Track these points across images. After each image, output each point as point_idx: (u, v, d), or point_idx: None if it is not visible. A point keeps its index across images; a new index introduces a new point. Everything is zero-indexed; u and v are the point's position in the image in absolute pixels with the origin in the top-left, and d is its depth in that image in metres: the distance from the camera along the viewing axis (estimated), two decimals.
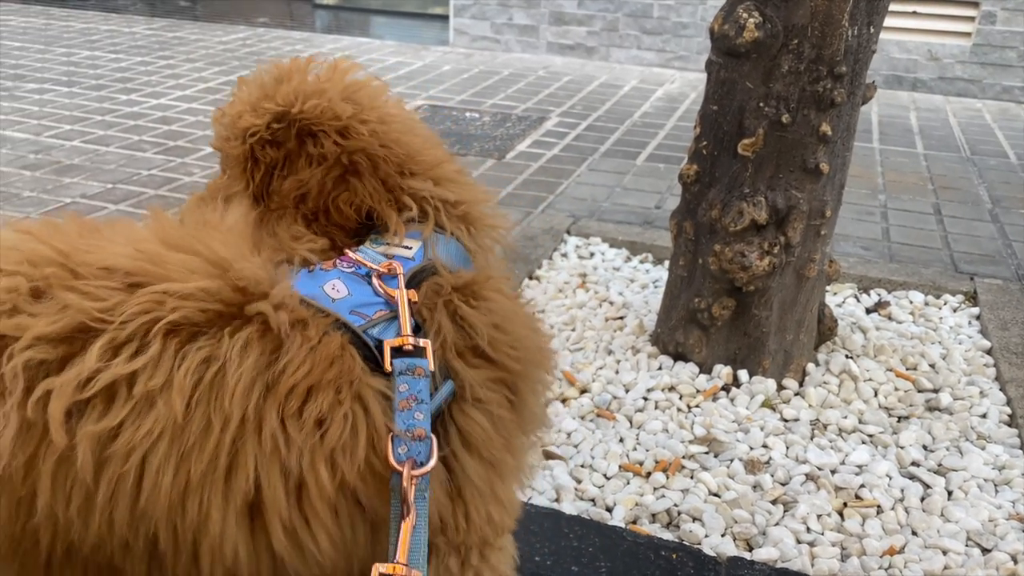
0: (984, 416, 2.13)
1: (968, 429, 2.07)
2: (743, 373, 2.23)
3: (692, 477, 1.90)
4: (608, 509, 1.81)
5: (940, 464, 1.95)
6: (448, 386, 0.94)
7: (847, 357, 2.34)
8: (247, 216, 1.00)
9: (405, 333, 0.92)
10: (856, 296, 2.78)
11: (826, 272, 2.28)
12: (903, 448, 1.99)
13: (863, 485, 1.86)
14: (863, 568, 1.65)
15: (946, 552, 1.69)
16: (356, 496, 0.87)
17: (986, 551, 1.70)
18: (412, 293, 0.97)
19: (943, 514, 1.80)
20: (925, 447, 2.02)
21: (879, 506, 1.82)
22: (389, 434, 0.87)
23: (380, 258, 1.01)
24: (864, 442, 2.03)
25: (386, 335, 0.93)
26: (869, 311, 2.67)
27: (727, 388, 2.21)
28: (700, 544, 1.71)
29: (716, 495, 1.85)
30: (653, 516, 1.78)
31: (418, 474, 0.85)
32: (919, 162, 4.31)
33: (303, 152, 1.06)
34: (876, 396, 2.20)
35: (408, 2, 8.54)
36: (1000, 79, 5.69)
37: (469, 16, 6.78)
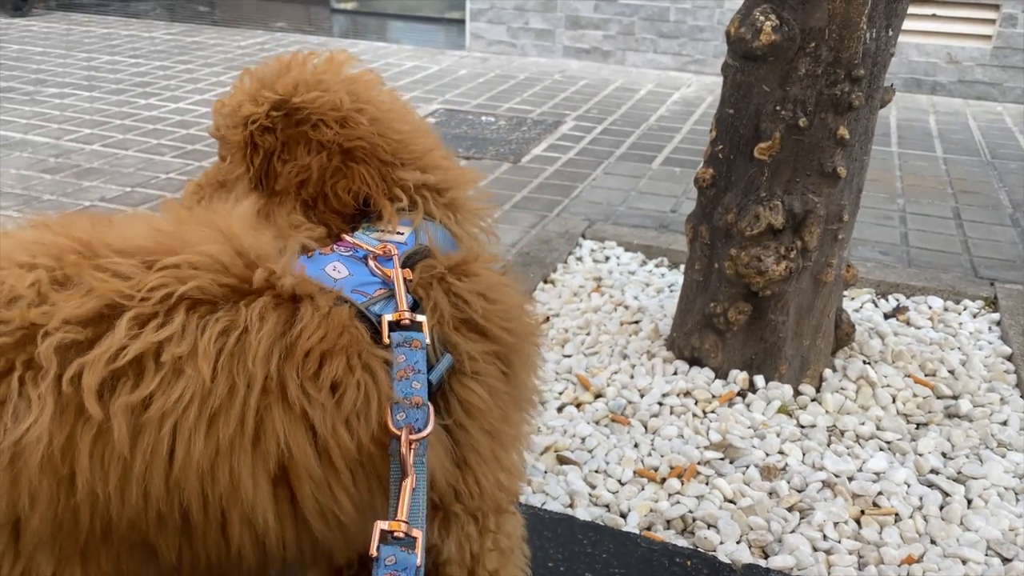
0: (1004, 423, 2.11)
1: (988, 436, 2.04)
2: (759, 378, 2.21)
3: (707, 483, 1.88)
4: (622, 515, 1.80)
5: (959, 472, 1.93)
6: (447, 359, 0.98)
7: (865, 363, 2.32)
8: (252, 206, 1.04)
9: (402, 308, 0.96)
10: (874, 301, 2.75)
11: (844, 277, 2.26)
12: (922, 455, 1.97)
13: (881, 493, 1.84)
14: None
15: (965, 562, 1.67)
16: (371, 459, 0.91)
17: (1007, 561, 1.68)
18: (407, 272, 1.01)
19: (963, 523, 1.78)
20: (944, 454, 2.00)
21: (897, 514, 1.79)
22: (389, 402, 0.90)
23: (375, 242, 1.05)
24: (882, 449, 2.01)
25: (386, 311, 0.97)
26: (887, 316, 2.65)
27: (743, 393, 2.19)
28: (715, 551, 1.69)
29: (731, 502, 1.83)
30: (668, 522, 1.77)
31: (416, 439, 0.88)
32: (938, 166, 4.27)
33: (302, 139, 1.10)
34: (894, 402, 2.18)
35: (425, 6, 8.57)
36: (1021, 82, 5.62)
37: (485, 20, 6.79)
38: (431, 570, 1.04)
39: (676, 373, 2.27)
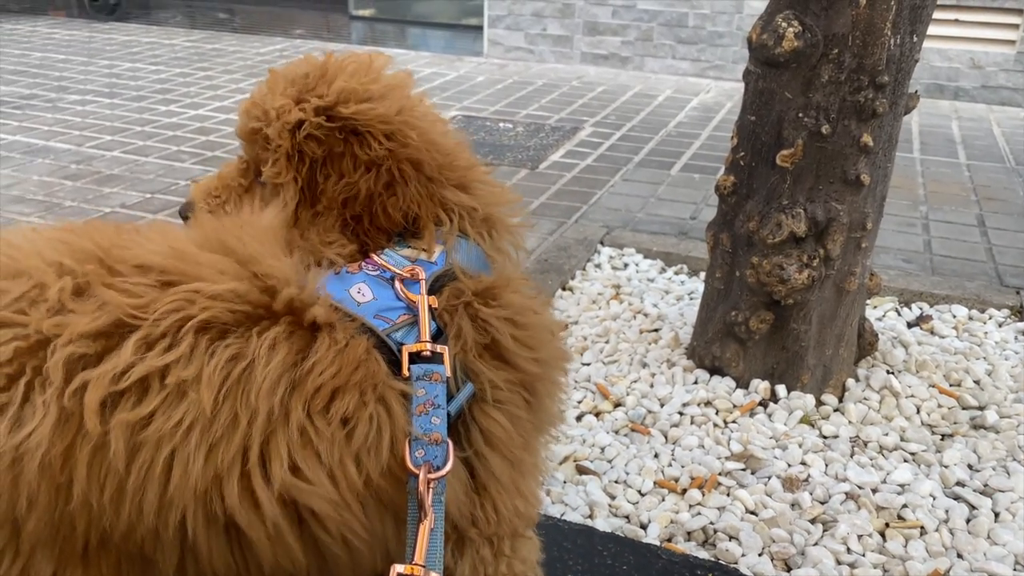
0: None
1: (1015, 448, 2.00)
2: (781, 388, 2.19)
3: (728, 494, 1.86)
4: (643, 526, 1.78)
5: (986, 484, 1.89)
6: (468, 388, 0.97)
7: (888, 372, 2.28)
8: (281, 216, 1.03)
9: (424, 339, 0.95)
10: (897, 310, 2.72)
11: (867, 285, 2.23)
12: (947, 467, 1.93)
13: (905, 505, 1.81)
14: None
15: None
16: (382, 493, 0.91)
17: None
18: (432, 299, 1.00)
19: (990, 536, 1.75)
20: (970, 466, 1.96)
21: (922, 527, 1.76)
22: (407, 437, 0.90)
23: (404, 262, 1.03)
24: (906, 460, 1.98)
25: (408, 339, 0.96)
26: (911, 325, 2.61)
27: (764, 403, 2.17)
28: (737, 563, 1.67)
29: (753, 513, 1.81)
30: (688, 534, 1.75)
31: (434, 478, 0.88)
32: (962, 172, 4.22)
33: (348, 151, 1.06)
34: (918, 413, 2.15)
35: (443, 13, 8.59)
36: None
37: (503, 27, 6.80)
38: None
39: (697, 382, 2.25)
